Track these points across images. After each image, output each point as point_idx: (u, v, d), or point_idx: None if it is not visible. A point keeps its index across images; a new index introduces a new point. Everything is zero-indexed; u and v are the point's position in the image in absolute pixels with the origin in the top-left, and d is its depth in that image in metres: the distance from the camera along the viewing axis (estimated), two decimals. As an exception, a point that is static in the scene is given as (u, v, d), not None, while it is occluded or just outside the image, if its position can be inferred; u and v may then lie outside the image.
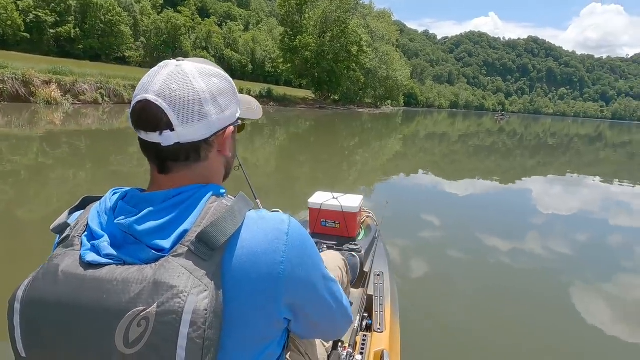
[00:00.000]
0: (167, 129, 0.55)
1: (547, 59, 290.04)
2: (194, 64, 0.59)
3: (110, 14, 43.26)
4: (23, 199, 4.23)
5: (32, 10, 39.34)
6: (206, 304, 0.48)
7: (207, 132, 0.59)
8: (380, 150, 12.45)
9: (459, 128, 31.05)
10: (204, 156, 0.61)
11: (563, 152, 17.29)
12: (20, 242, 3.18)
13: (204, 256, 0.51)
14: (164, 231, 0.53)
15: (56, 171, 5.75)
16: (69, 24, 42.06)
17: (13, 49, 34.30)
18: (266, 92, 32.45)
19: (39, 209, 4.02)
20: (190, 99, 0.56)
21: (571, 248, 4.34)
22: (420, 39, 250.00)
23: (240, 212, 0.56)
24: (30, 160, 6.24)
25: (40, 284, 0.52)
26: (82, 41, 42.67)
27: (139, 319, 0.47)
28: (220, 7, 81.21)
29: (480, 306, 2.74)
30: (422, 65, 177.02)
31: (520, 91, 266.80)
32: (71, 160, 6.65)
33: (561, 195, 7.52)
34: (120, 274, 0.50)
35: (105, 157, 7.20)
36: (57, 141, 8.23)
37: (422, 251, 3.76)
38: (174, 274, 0.49)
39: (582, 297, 3.10)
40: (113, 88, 17.81)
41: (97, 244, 0.53)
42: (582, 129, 49.73)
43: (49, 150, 7.21)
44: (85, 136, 9.44)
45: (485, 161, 12.07)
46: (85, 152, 7.65)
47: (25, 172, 5.48)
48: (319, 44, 38.35)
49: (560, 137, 27.86)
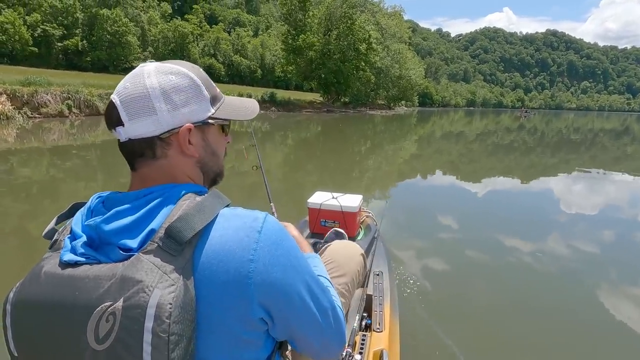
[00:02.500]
0: (119, 124, 0.58)
1: (568, 52, 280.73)
2: (157, 63, 0.61)
3: (117, 25, 43.07)
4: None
5: (40, 24, 39.47)
6: (171, 297, 0.48)
7: (157, 129, 0.59)
8: (394, 154, 11.49)
9: (477, 126, 30.12)
10: (160, 154, 0.61)
11: (587, 147, 16.26)
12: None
13: (172, 252, 0.51)
14: (131, 231, 0.53)
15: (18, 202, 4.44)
16: (76, 37, 42.10)
17: (21, 64, 34.37)
18: (269, 97, 30.64)
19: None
20: (137, 95, 0.58)
21: (595, 249, 4.08)
22: (433, 38, 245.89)
23: (212, 207, 0.56)
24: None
25: (26, 286, 0.54)
26: (89, 53, 42.60)
27: (107, 314, 0.48)
28: (229, 14, 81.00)
29: (480, 306, 2.71)
30: (436, 63, 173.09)
31: (540, 86, 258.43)
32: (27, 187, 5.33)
33: (586, 193, 7.05)
34: (94, 271, 0.51)
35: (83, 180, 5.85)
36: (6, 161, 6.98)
37: (422, 251, 3.69)
38: (141, 269, 0.49)
39: (605, 304, 2.86)
40: (84, 98, 15.51)
41: (74, 244, 0.55)
42: (608, 123, 47.45)
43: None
44: (51, 153, 8.16)
45: (504, 159, 11.40)
46: (53, 173, 6.33)
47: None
48: (323, 42, 35.85)
49: (584, 132, 26.48)
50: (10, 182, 5.42)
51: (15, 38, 36.63)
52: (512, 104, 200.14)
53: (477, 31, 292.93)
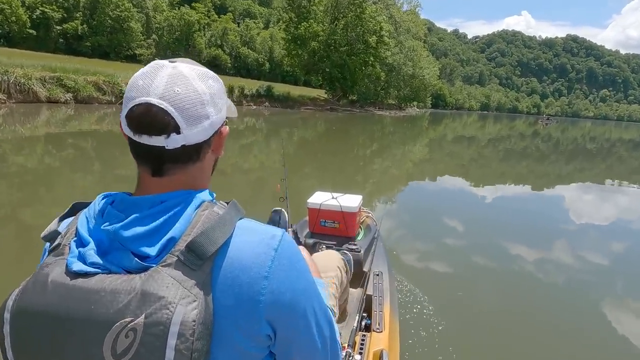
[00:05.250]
0: (174, 132, 0.55)
1: (588, 59, 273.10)
2: (189, 66, 0.60)
3: (119, 10, 41.36)
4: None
5: (39, 6, 37.93)
6: (195, 314, 0.48)
7: (210, 133, 0.60)
8: (403, 157, 10.97)
9: (490, 131, 29.61)
10: (202, 157, 0.62)
11: (603, 158, 16.13)
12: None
13: (193, 266, 0.51)
14: (150, 238, 0.53)
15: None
16: (76, 20, 40.48)
17: (19, 46, 32.87)
18: (265, 91, 28.01)
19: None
20: (195, 101, 0.57)
21: (603, 261, 4.03)
22: (449, 38, 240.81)
23: (231, 221, 0.56)
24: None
25: (29, 294, 0.52)
26: (89, 38, 40.96)
27: (126, 330, 0.47)
28: (240, 5, 78.96)
29: (480, 308, 2.70)
30: (451, 64, 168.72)
31: (557, 92, 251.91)
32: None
33: (598, 204, 6.80)
34: (109, 284, 0.50)
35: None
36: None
37: (424, 253, 3.61)
38: (162, 284, 0.48)
39: (608, 316, 2.85)
40: (19, 81, 12.88)
41: (83, 252, 0.53)
42: (626, 133, 47.00)
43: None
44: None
45: (516, 166, 11.19)
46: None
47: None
48: (328, 32, 32.28)
49: (601, 142, 26.19)
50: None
51: (12, 19, 35.14)
52: (527, 109, 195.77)
53: (495, 33, 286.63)
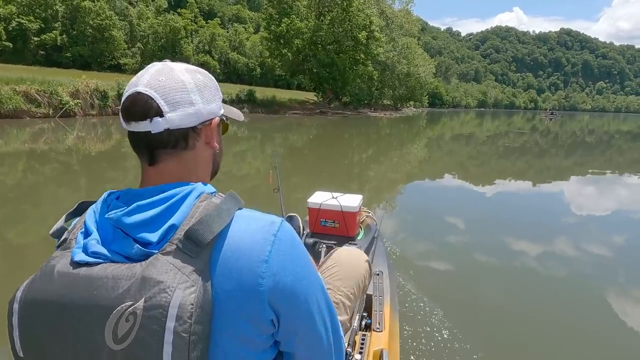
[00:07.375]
0: (157, 115, 0.58)
1: (582, 52, 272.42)
2: (180, 63, 0.65)
3: (100, 18, 39.69)
4: None
5: (15, 17, 36.26)
6: (193, 298, 0.49)
7: (195, 120, 0.62)
8: (401, 159, 10.58)
9: (488, 128, 29.38)
10: (191, 144, 0.63)
11: (602, 150, 15.90)
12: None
13: (191, 253, 0.52)
14: (151, 225, 0.54)
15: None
16: (55, 31, 38.81)
17: (-5, 59, 31.22)
18: (246, 95, 26.07)
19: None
20: (175, 87, 0.60)
21: (606, 252, 4.04)
22: (443, 37, 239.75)
23: (229, 211, 0.57)
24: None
25: (37, 285, 0.54)
26: (69, 49, 39.28)
27: (127, 314, 0.48)
28: (229, 10, 77.47)
29: (481, 307, 2.69)
30: (446, 62, 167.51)
31: (554, 87, 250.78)
32: None
33: (599, 196, 6.86)
34: (112, 271, 0.51)
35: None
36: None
37: (424, 251, 3.64)
38: (161, 270, 0.50)
39: (614, 308, 2.84)
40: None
41: (86, 242, 0.55)
42: (624, 124, 46.33)
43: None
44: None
45: (515, 162, 11.08)
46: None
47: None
48: (313, 28, 29.73)
49: (599, 135, 25.90)
50: None
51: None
52: (524, 104, 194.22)
53: (489, 30, 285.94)
